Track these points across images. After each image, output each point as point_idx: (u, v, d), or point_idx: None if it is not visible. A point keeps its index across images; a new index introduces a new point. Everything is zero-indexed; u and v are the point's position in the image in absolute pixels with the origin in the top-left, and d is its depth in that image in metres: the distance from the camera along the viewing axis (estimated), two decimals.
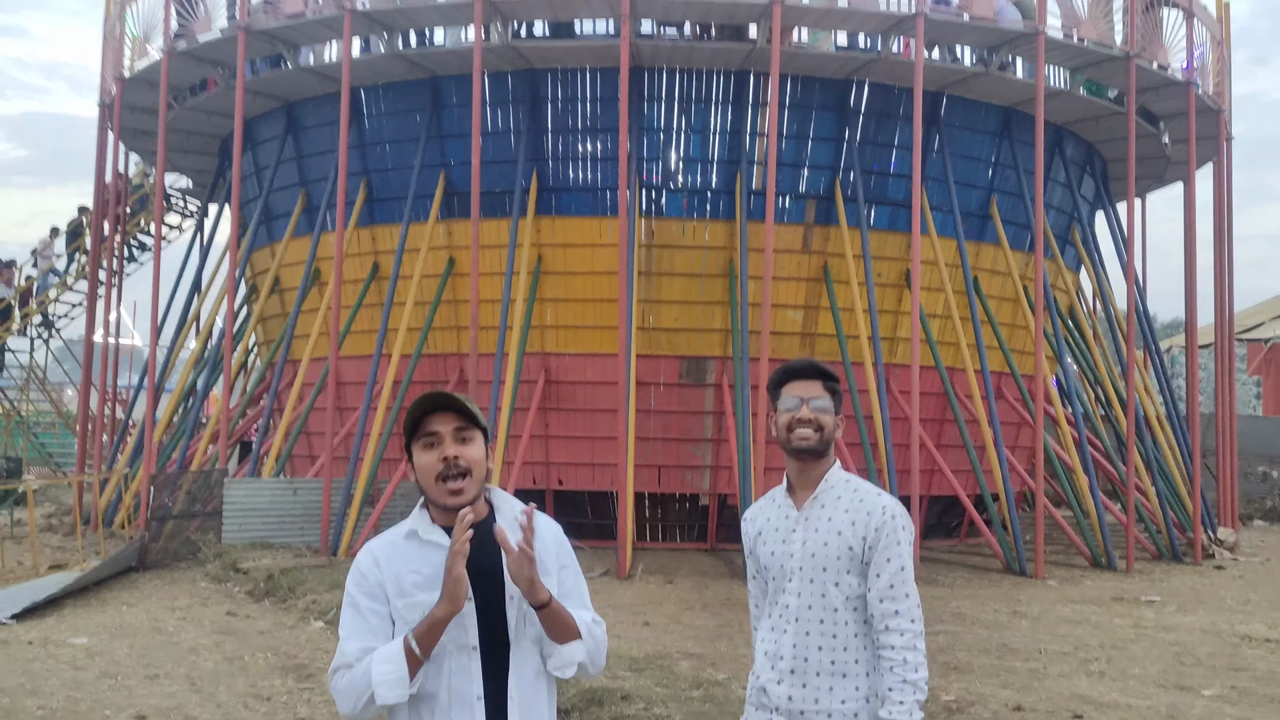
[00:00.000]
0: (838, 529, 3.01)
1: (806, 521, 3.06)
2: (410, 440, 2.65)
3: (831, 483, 3.09)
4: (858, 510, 3.02)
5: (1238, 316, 31.36)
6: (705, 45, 13.85)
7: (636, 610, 10.02)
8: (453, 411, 2.64)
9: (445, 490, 2.59)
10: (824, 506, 3.06)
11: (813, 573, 3.02)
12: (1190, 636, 9.29)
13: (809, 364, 3.14)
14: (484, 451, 2.66)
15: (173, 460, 15.94)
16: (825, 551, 3.00)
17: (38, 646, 8.30)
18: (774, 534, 3.12)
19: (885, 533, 2.98)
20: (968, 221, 15.27)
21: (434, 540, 2.61)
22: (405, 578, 2.58)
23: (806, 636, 2.99)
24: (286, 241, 15.87)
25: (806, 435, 3.03)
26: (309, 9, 13.94)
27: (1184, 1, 15.51)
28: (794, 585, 3.03)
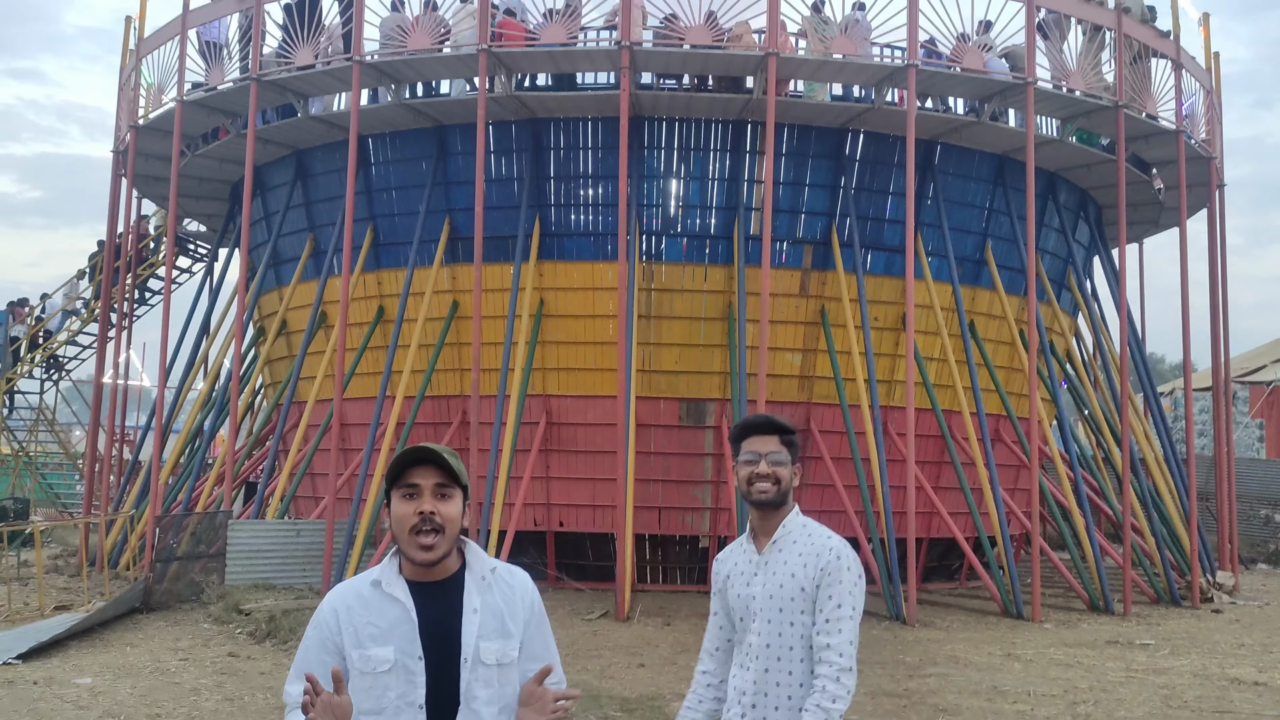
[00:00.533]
0: (791, 571, 3.21)
1: (766, 565, 3.26)
2: (390, 488, 2.68)
3: (789, 528, 3.29)
4: (809, 553, 3.22)
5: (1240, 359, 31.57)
6: (703, 95, 14.18)
7: (632, 652, 10.14)
8: (435, 466, 2.66)
9: (416, 544, 2.61)
10: (781, 550, 3.26)
11: (770, 613, 3.21)
12: (1180, 680, 9.38)
13: (766, 419, 3.34)
14: (461, 510, 2.68)
15: (178, 501, 16.13)
16: (781, 593, 3.20)
17: (43, 686, 8.45)
18: (739, 577, 3.32)
19: (829, 572, 3.18)
20: (963, 266, 15.51)
21: (394, 595, 2.63)
22: (362, 629, 2.61)
23: (765, 673, 3.17)
24: (294, 285, 16.16)
25: (765, 489, 3.24)
26: (319, 61, 14.32)
27: (1172, 52, 15.82)
28: (756, 625, 3.23)
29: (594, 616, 12.26)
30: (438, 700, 2.59)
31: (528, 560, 14.97)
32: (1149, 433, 17.94)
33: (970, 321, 15.29)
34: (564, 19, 13.59)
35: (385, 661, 2.58)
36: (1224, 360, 17.96)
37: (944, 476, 15.48)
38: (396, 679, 2.58)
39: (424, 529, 2.62)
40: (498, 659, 2.64)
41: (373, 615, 2.62)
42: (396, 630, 2.59)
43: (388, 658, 2.58)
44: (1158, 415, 17.82)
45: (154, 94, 16.36)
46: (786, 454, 3.29)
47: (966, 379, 14.89)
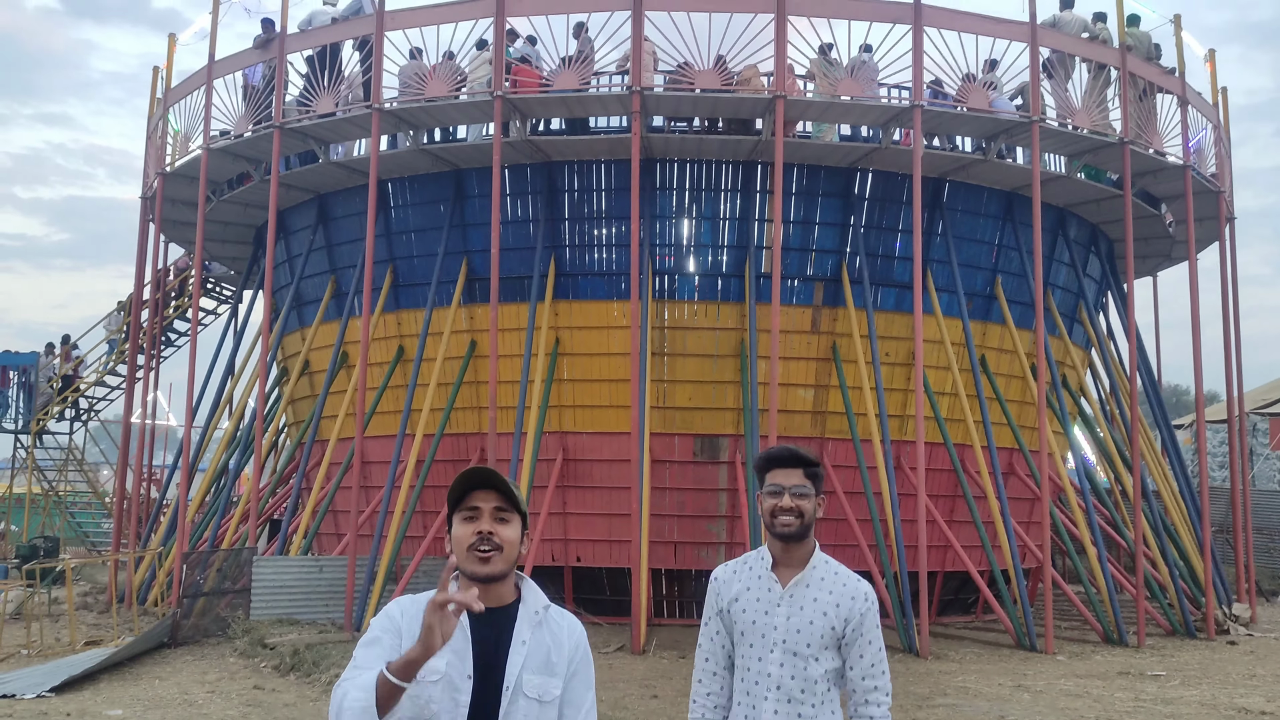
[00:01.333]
0: (823, 610, 3.30)
1: (792, 599, 3.33)
2: (452, 511, 2.72)
3: (814, 564, 3.37)
4: (841, 594, 3.32)
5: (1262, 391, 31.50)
6: (713, 138, 14.53)
7: (647, 684, 10.33)
8: (496, 490, 2.71)
9: (475, 557, 2.65)
10: (809, 586, 3.33)
11: (796, 646, 3.28)
12: (1187, 709, 9.48)
13: (789, 452, 3.38)
14: (519, 535, 2.72)
15: (204, 539, 16.45)
16: (810, 630, 3.28)
17: (75, 718, 8.73)
18: (754, 603, 3.36)
19: (867, 617, 3.31)
20: (973, 301, 15.72)
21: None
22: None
23: (789, 704, 3.24)
24: (316, 326, 16.55)
25: (788, 522, 3.31)
26: (339, 108, 14.77)
27: (1177, 89, 16.07)
28: (776, 656, 3.28)
29: (610, 650, 12.45)
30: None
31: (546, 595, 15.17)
32: (1164, 464, 18.00)
33: (981, 356, 15.48)
34: (576, 65, 14.00)
35: (435, 672, 2.56)
36: (1238, 392, 18.04)
37: (957, 510, 15.61)
38: (441, 692, 2.57)
39: (482, 546, 2.66)
40: (539, 694, 2.65)
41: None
42: (451, 645, 2.56)
43: (438, 669, 2.56)
44: (1171, 446, 17.89)
45: (181, 141, 16.87)
46: (810, 486, 3.34)
47: (978, 413, 15.06)
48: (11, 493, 24.63)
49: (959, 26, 14.20)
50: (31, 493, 23.71)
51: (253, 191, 16.70)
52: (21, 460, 22.71)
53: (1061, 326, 16.74)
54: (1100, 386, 18.71)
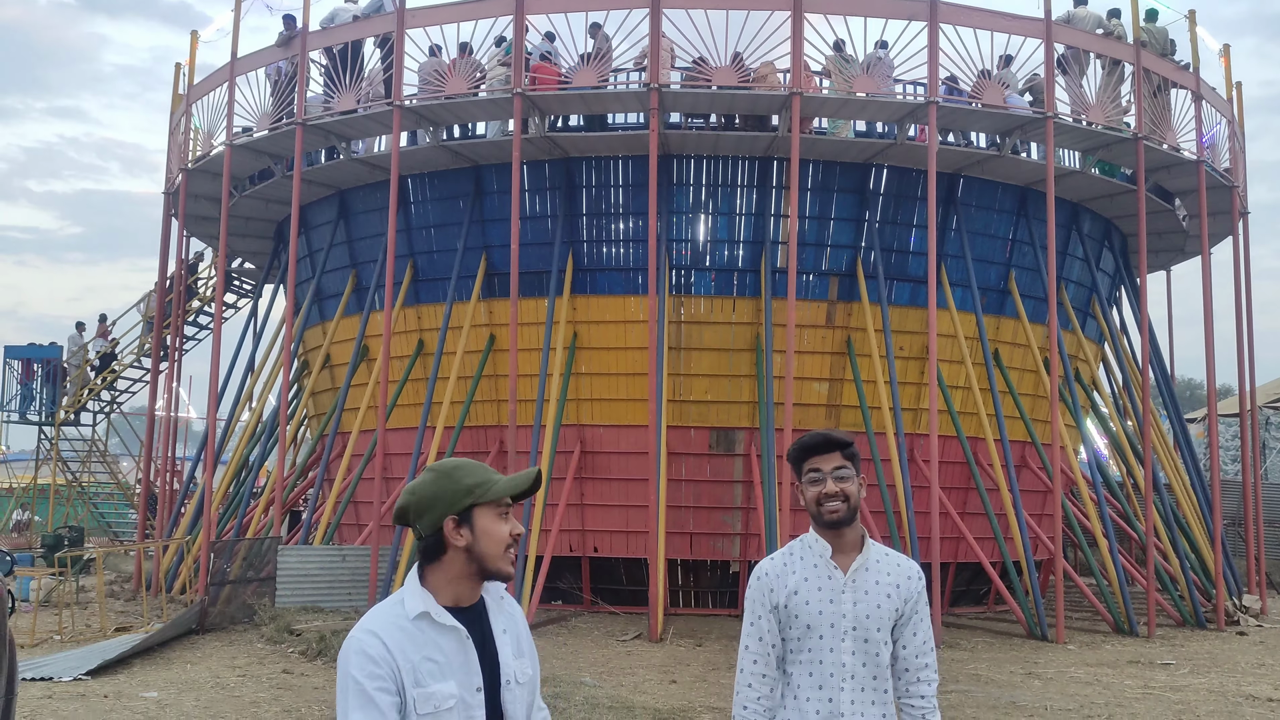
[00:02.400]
0: (886, 593, 3.23)
1: (855, 584, 3.23)
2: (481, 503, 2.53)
3: (869, 546, 3.30)
4: (898, 574, 3.27)
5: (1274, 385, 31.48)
6: (730, 134, 14.71)
7: (665, 670, 10.56)
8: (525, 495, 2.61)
9: (509, 558, 2.55)
10: (868, 570, 3.25)
11: (867, 633, 3.20)
12: (1195, 696, 9.67)
13: (823, 437, 3.29)
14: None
15: (229, 528, 16.75)
16: (879, 614, 3.21)
17: (113, 700, 9.01)
18: (816, 593, 3.24)
19: (921, 596, 3.29)
20: (987, 296, 15.88)
21: (447, 624, 2.47)
22: (420, 666, 2.41)
23: (863, 692, 3.17)
24: (337, 320, 16.80)
25: (836, 508, 3.21)
26: (361, 105, 15.00)
27: (1191, 84, 16.18)
28: (848, 645, 3.20)
29: (628, 638, 12.69)
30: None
31: (564, 585, 15.45)
32: (1175, 458, 18.14)
33: (994, 350, 15.65)
34: (594, 63, 14.19)
35: (449, 698, 2.41)
36: (1251, 385, 18.16)
37: (970, 502, 15.79)
38: (457, 717, 2.43)
39: (512, 549, 2.58)
40: (523, 678, 2.60)
41: (427, 649, 2.43)
42: (454, 662, 2.45)
43: (451, 693, 2.42)
44: (1182, 439, 18.03)
45: (204, 138, 17.13)
46: (850, 468, 3.26)
47: (991, 406, 15.23)
48: (36, 484, 24.99)
49: (974, 23, 14.34)
50: (56, 484, 24.05)
51: (274, 187, 16.95)
52: (46, 452, 23.05)
53: (1075, 321, 16.88)
54: (1113, 380, 18.84)
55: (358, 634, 2.44)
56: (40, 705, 8.66)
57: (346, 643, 2.45)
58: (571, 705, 7.72)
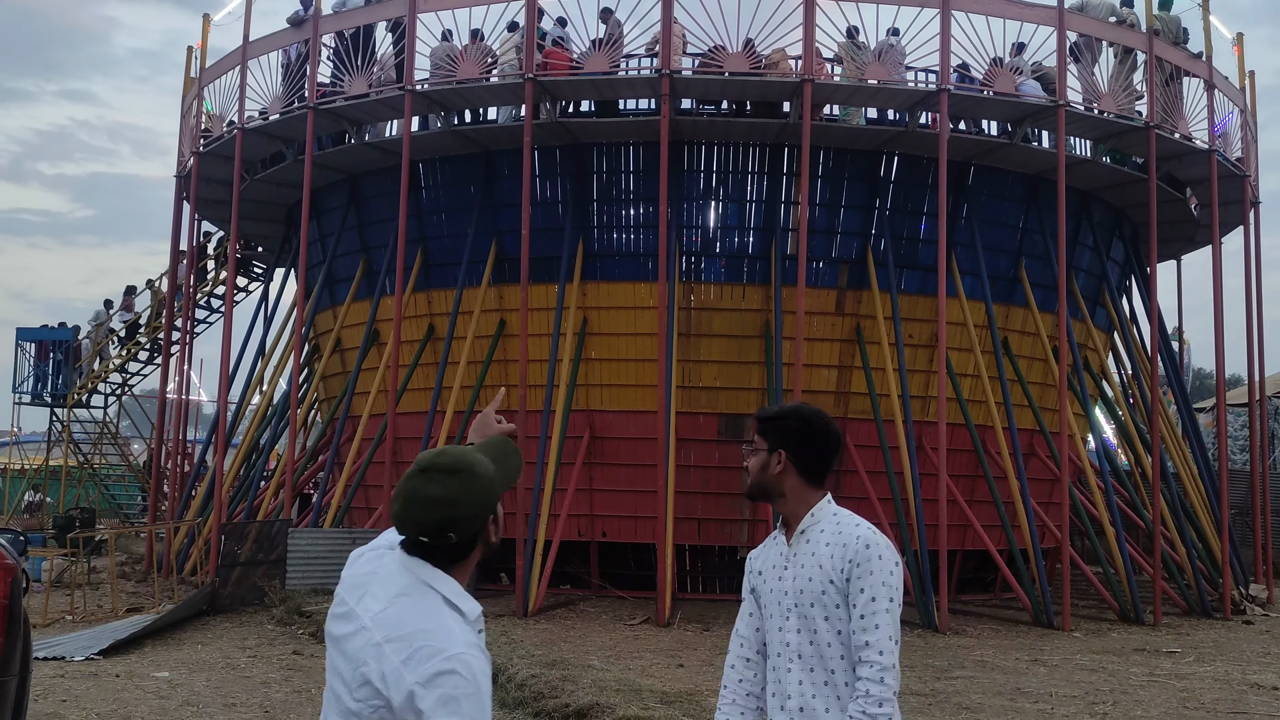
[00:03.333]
0: (819, 563, 3.00)
1: (795, 557, 3.07)
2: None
3: (817, 518, 3.08)
4: (836, 543, 3.01)
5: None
6: (741, 120, 14.71)
7: (672, 654, 10.63)
8: None
9: None
10: (809, 541, 3.06)
11: (804, 609, 3.01)
12: (1201, 684, 9.71)
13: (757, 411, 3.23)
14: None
15: (239, 511, 16.85)
16: (810, 587, 3.00)
17: (124, 679, 9.11)
18: (770, 570, 3.15)
19: (858, 562, 2.94)
20: (997, 285, 15.87)
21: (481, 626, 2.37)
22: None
23: (810, 673, 2.99)
24: (348, 304, 16.86)
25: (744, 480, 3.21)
26: (372, 90, 15.02)
27: (1204, 73, 16.11)
28: (791, 623, 3.04)
29: (636, 622, 12.76)
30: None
31: (572, 569, 15.52)
32: (1183, 446, 18.14)
33: (1004, 338, 15.65)
34: (606, 48, 14.19)
35: None
36: (1260, 375, 18.13)
37: (978, 490, 15.81)
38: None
39: None
40: None
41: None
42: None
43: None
44: (1191, 429, 18.02)
45: (215, 121, 17.15)
46: (760, 442, 3.14)
47: (999, 394, 15.24)
48: (48, 465, 25.16)
49: (986, 10, 14.31)
50: (67, 465, 24.21)
51: (286, 171, 16.98)
52: (58, 433, 23.19)
53: (1084, 309, 16.86)
54: (1122, 369, 18.83)
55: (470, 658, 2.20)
56: (52, 684, 8.75)
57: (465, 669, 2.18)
58: (580, 688, 7.79)
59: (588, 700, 7.30)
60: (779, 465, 3.10)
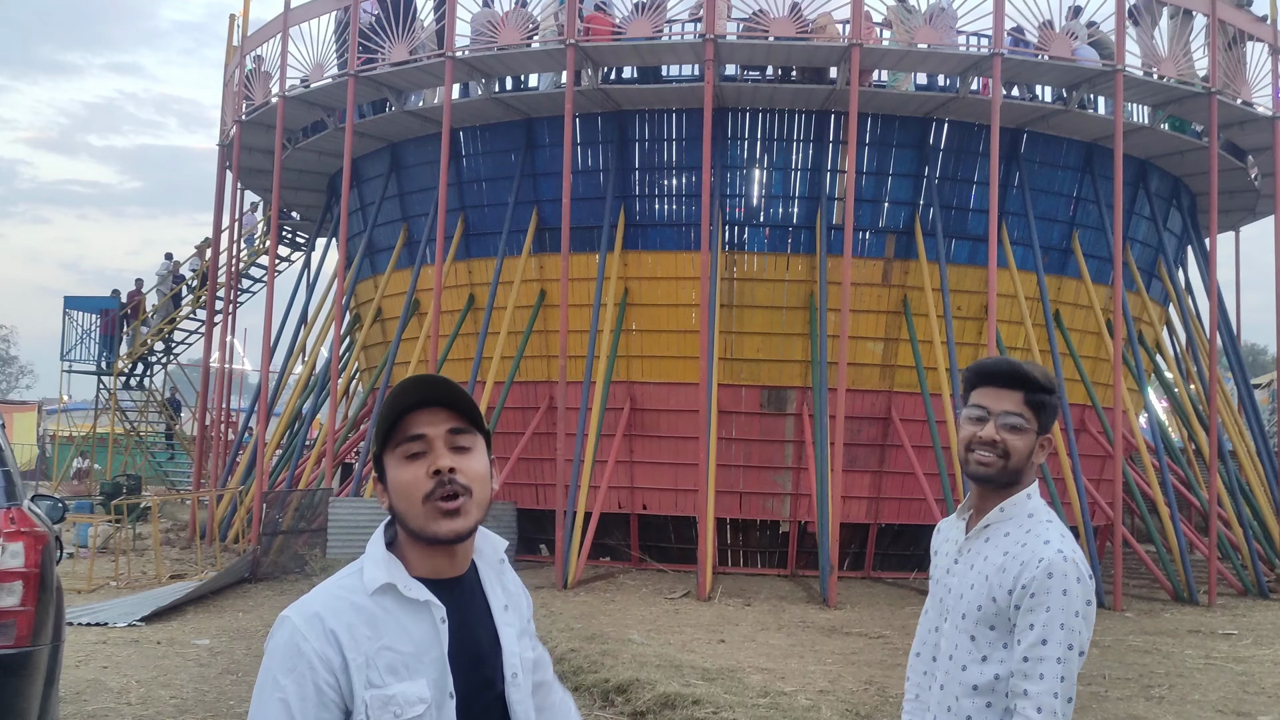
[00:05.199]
0: (987, 573, 2.45)
1: (968, 554, 2.53)
2: (382, 449, 1.88)
3: (1009, 514, 2.49)
4: (1016, 555, 2.41)
5: None
6: (786, 87, 14.38)
7: (713, 629, 10.48)
8: (445, 408, 1.87)
9: (438, 511, 1.82)
10: (988, 541, 2.50)
11: (956, 617, 2.50)
12: (1260, 668, 9.40)
13: (1008, 366, 2.50)
14: (488, 464, 1.91)
15: (281, 479, 16.92)
16: (971, 595, 2.46)
17: (165, 646, 9.12)
18: (944, 559, 2.64)
19: (1034, 591, 2.34)
20: (1049, 255, 15.46)
21: (417, 598, 1.83)
22: (378, 657, 1.78)
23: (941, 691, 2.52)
24: (389, 274, 16.79)
25: (986, 460, 2.48)
26: (413, 57, 14.86)
27: (1269, 37, 15.53)
28: (947, 627, 2.53)
29: (676, 596, 12.63)
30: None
31: (612, 542, 15.42)
32: (1240, 423, 17.65)
33: (1055, 311, 15.25)
34: (649, 13, 13.91)
35: (418, 703, 1.77)
36: None
37: None
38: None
39: (442, 494, 1.83)
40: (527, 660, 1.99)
41: (389, 637, 1.79)
42: (426, 654, 1.81)
43: (420, 696, 1.78)
44: (1250, 406, 17.52)
45: (261, 79, 17.01)
46: (1029, 417, 2.47)
47: (1051, 368, 14.86)
48: (95, 432, 25.49)
49: None
50: (114, 433, 24.50)
51: (327, 139, 16.91)
52: (105, 401, 23.45)
53: (1140, 282, 16.40)
54: (1176, 343, 18.34)
55: (293, 615, 1.80)
56: (94, 650, 8.78)
57: (276, 625, 1.82)
58: (619, 663, 7.66)
59: (628, 676, 7.17)
60: (1043, 453, 2.52)
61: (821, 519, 13.16)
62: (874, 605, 12.55)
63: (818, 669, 8.64)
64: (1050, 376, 2.53)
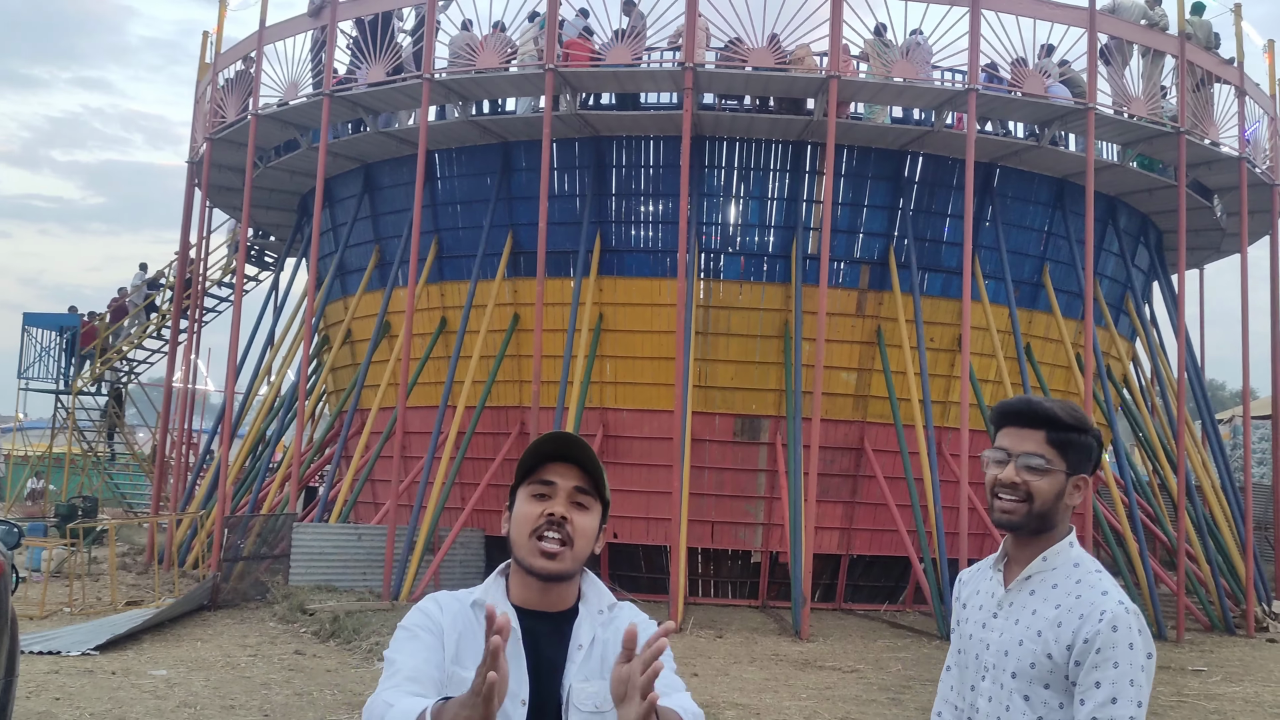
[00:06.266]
0: (1039, 628, 2.34)
1: (1011, 608, 2.41)
2: (518, 485, 2.22)
3: (1053, 564, 2.39)
4: (1071, 608, 2.31)
5: None
6: (764, 116, 14.39)
7: (685, 662, 10.32)
8: (579, 467, 2.20)
9: (538, 549, 2.13)
10: (1033, 593, 2.39)
11: (1002, 676, 2.38)
12: (1231, 705, 9.38)
13: (1026, 405, 2.43)
14: (598, 528, 2.21)
15: (243, 503, 16.58)
16: (1020, 652, 2.35)
17: (121, 676, 8.83)
18: (978, 612, 2.50)
19: (1099, 647, 2.24)
20: (1020, 289, 15.55)
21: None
22: (466, 646, 2.13)
23: None
24: (359, 295, 16.59)
25: (1007, 507, 2.39)
26: (390, 78, 14.73)
27: (1235, 79, 15.78)
28: (985, 685, 2.41)
29: None
30: None
31: None
32: (1206, 460, 17.79)
33: (1026, 344, 15.33)
34: (629, 40, 13.89)
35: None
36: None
37: None
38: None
39: (549, 533, 2.14)
40: (596, 704, 2.12)
41: (477, 636, 2.12)
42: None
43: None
44: (1215, 442, 17.67)
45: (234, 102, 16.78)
46: (1051, 458, 2.37)
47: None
48: (51, 452, 24.94)
49: (1017, 10, 14.02)
50: (70, 453, 23.98)
51: (300, 159, 16.71)
52: (62, 420, 22.96)
53: (1108, 316, 16.54)
54: (1141, 376, 18.49)
55: (423, 600, 2.24)
56: (46, 680, 8.48)
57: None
58: None
59: None
60: (1078, 494, 2.40)
61: (795, 550, 13.07)
62: (846, 638, 12.45)
63: (793, 705, 8.51)
64: (1079, 414, 2.42)
